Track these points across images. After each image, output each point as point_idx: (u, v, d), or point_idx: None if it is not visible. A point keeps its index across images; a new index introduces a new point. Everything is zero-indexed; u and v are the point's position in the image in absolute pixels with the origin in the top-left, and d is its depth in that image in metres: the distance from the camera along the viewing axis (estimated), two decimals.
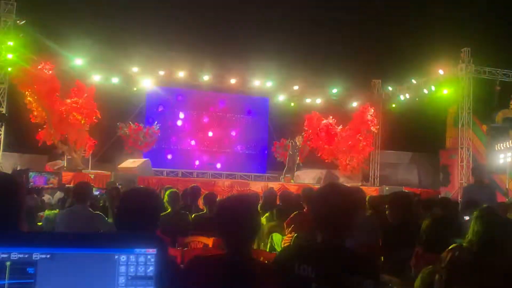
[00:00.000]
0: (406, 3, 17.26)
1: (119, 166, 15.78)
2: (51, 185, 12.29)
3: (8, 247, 1.34)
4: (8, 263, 1.34)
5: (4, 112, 14.97)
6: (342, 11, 18.67)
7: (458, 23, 16.67)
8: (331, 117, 19.54)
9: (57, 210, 7.17)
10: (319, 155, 19.31)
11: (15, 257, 1.34)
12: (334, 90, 20.35)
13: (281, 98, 20.56)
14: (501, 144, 16.79)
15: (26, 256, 1.35)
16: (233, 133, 21.15)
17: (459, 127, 17.17)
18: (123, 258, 1.41)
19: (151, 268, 1.42)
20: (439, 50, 17.30)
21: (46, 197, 10.65)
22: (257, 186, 15.14)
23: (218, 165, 20.32)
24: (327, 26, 18.80)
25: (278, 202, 7.17)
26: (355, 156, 18.94)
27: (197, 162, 20.26)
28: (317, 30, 19.05)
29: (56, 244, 1.37)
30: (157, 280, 1.42)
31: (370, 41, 18.75)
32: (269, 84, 19.67)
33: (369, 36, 18.92)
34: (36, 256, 1.36)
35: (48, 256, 1.36)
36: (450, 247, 3.04)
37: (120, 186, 9.29)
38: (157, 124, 18.83)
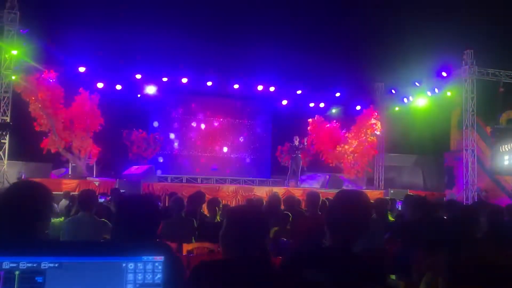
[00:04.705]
0: (409, 5, 17.23)
1: (123, 173, 15.81)
2: None
3: (16, 256, 1.35)
4: (17, 272, 1.34)
5: (8, 120, 15.02)
6: (345, 14, 18.66)
7: (460, 25, 16.64)
8: (334, 121, 19.54)
9: (62, 218, 7.18)
10: (323, 159, 19.30)
11: (24, 266, 1.35)
12: (338, 94, 20.36)
13: (284, 102, 20.58)
14: (506, 146, 16.74)
15: (34, 265, 1.36)
16: (241, 139, 21.17)
17: (463, 129, 17.13)
18: (130, 266, 1.41)
19: (158, 275, 1.43)
20: (441, 52, 17.27)
21: None
22: (262, 191, 15.11)
23: (224, 167, 20.32)
24: (329, 30, 18.79)
25: (282, 207, 7.17)
26: (359, 159, 18.91)
27: (200, 168, 20.28)
28: (319, 34, 19.04)
29: (64, 253, 1.38)
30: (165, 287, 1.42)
31: (373, 45, 18.72)
32: (272, 88, 19.71)
33: (372, 40, 18.90)
34: (45, 265, 1.36)
35: (56, 265, 1.37)
36: (451, 248, 3.05)
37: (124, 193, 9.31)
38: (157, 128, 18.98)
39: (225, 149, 21.02)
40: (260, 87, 19.60)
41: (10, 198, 2.31)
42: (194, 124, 20.80)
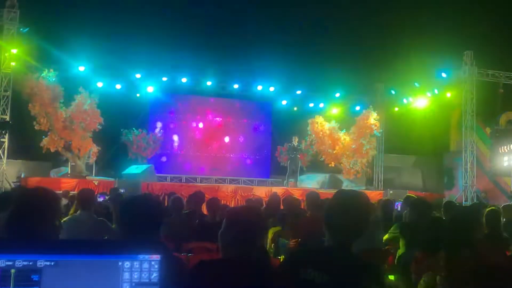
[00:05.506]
0: (408, 6, 17.26)
1: (123, 173, 15.79)
2: None
3: (12, 254, 1.35)
4: (12, 271, 1.34)
5: (8, 119, 15.01)
6: (345, 15, 18.67)
7: (460, 26, 16.65)
8: (334, 121, 19.51)
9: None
10: (322, 159, 19.26)
11: (20, 264, 1.34)
12: (337, 94, 20.32)
13: (284, 102, 20.57)
14: (505, 147, 16.73)
15: (30, 263, 1.35)
16: (241, 139, 21.15)
17: (463, 130, 17.12)
18: (127, 264, 1.41)
19: (155, 274, 1.42)
20: (441, 53, 17.27)
21: None
22: (261, 191, 15.10)
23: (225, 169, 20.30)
24: (329, 30, 18.82)
25: (281, 207, 7.17)
26: (358, 160, 18.87)
27: (200, 167, 20.27)
28: (319, 34, 19.07)
29: (60, 251, 1.37)
30: (161, 286, 1.42)
31: (373, 45, 18.73)
32: (272, 88, 19.69)
33: (372, 40, 18.91)
34: (41, 263, 1.36)
35: (52, 263, 1.36)
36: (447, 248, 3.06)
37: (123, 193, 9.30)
38: (160, 130, 18.94)
39: (226, 139, 20.91)
40: (260, 87, 19.58)
41: (21, 206, 2.37)
42: (194, 124, 20.78)
